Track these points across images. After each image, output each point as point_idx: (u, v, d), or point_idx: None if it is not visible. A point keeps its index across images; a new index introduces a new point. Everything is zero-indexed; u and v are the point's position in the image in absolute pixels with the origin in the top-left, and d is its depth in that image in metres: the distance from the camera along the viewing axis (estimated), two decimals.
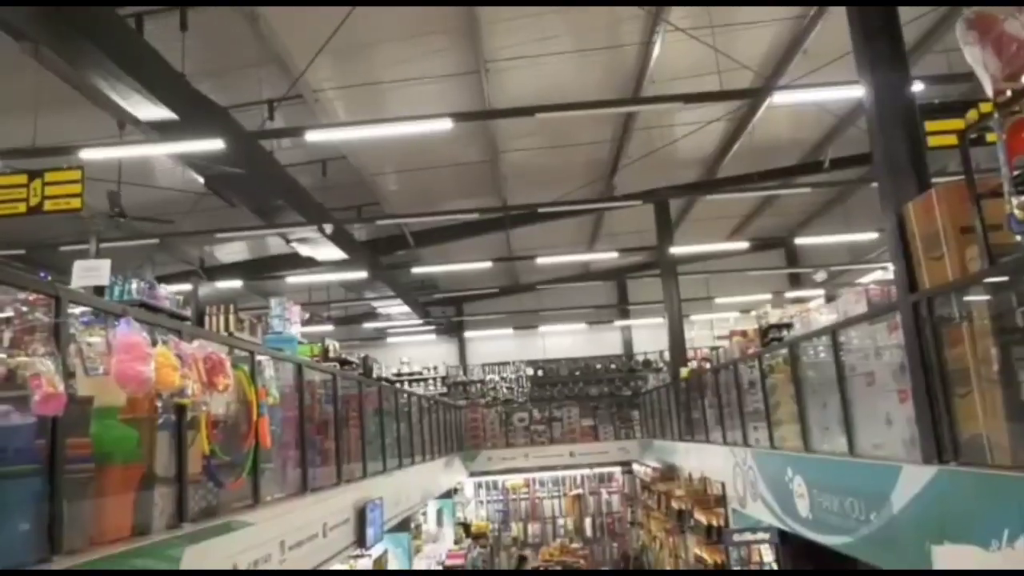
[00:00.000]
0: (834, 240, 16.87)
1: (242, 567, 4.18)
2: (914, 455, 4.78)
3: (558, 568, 15.65)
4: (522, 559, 18.04)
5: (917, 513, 4.65)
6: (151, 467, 3.49)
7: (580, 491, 21.07)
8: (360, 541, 6.85)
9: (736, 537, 9.79)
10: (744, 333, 11.21)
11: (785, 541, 10.27)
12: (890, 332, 5.20)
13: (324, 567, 5.92)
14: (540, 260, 16.15)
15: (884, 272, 16.29)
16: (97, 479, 3.07)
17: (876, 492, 5.13)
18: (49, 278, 2.67)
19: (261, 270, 16.12)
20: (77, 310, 3.13)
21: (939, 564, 4.45)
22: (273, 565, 4.68)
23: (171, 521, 3.63)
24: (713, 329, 21.21)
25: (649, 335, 22.44)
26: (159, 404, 3.58)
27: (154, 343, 3.32)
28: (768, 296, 18.68)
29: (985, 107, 4.29)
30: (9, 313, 2.78)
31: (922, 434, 4.60)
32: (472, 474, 18.68)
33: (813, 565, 13.50)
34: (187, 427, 3.78)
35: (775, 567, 9.80)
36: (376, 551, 10.22)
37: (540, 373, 23.06)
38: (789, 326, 9.21)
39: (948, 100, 7.24)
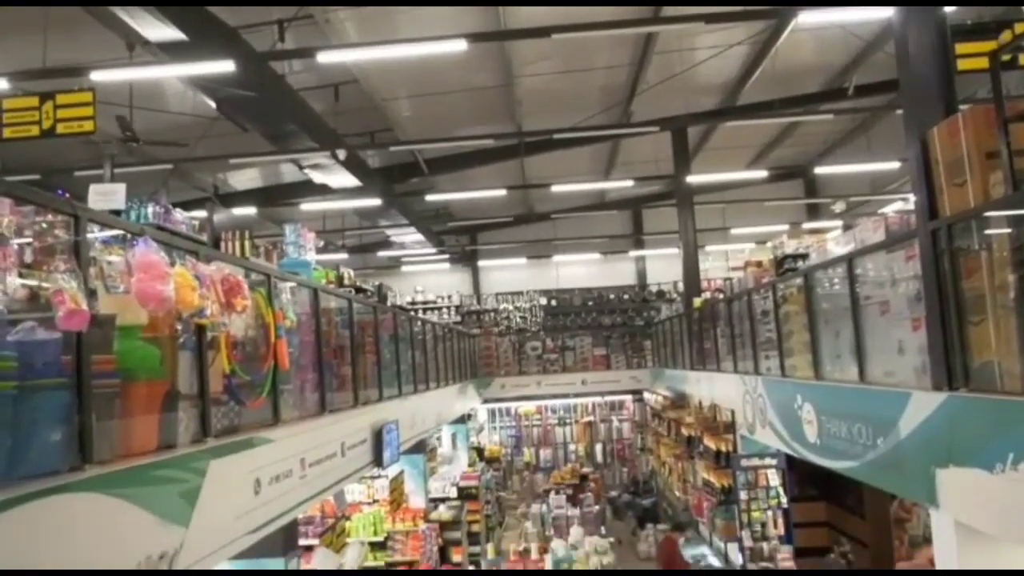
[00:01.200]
0: (855, 170, 16.56)
1: (264, 481, 4.35)
2: (924, 382, 4.82)
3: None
4: None
5: (924, 438, 4.72)
6: (174, 384, 3.59)
7: (591, 418, 21.51)
8: (377, 461, 7.06)
9: (744, 462, 10.02)
10: (759, 263, 11.17)
11: (791, 467, 10.51)
12: (907, 261, 5.16)
13: (343, 484, 6.14)
14: (555, 188, 16.00)
15: (904, 204, 16.04)
16: (123, 394, 3.16)
17: (884, 418, 5.20)
18: (67, 195, 2.67)
19: (275, 197, 16.12)
20: (96, 233, 3.16)
21: (943, 487, 4.54)
22: (294, 481, 4.85)
23: (195, 436, 3.76)
24: (728, 260, 21.14)
25: (663, 266, 22.40)
26: (179, 324, 3.66)
27: (172, 264, 3.37)
28: (785, 227, 18.47)
29: (1021, 27, 4.13)
30: (29, 235, 2.81)
31: (933, 361, 4.62)
32: (485, 401, 19.07)
33: (817, 491, 13.86)
34: (207, 347, 3.87)
35: (781, 491, 10.06)
36: (392, 471, 10.57)
37: (553, 303, 23.19)
38: (805, 256, 9.16)
39: (981, 21, 6.95)
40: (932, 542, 5.27)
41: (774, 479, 10.01)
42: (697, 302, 13.55)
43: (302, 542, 6.46)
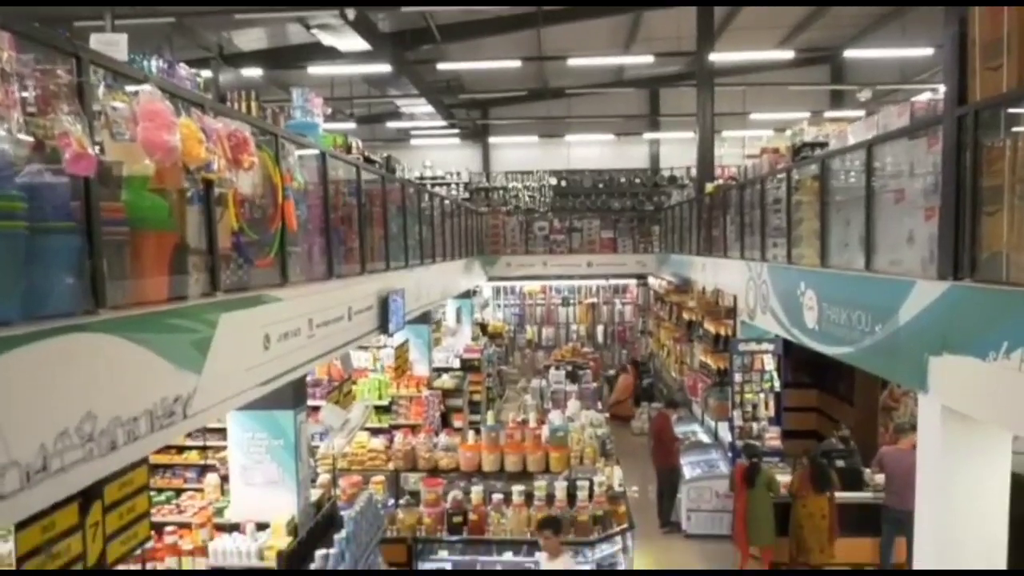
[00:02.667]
0: (885, 55, 15.82)
1: (273, 338, 4.47)
2: (930, 272, 4.83)
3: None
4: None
5: (922, 326, 4.78)
6: (183, 237, 3.61)
7: (595, 300, 21.82)
8: (383, 328, 7.23)
9: (742, 347, 10.24)
10: (776, 150, 10.92)
11: (787, 354, 10.75)
12: (929, 148, 5.04)
13: (349, 347, 6.31)
14: (571, 62, 15.38)
15: (933, 95, 15.46)
16: (132, 244, 3.19)
17: (885, 306, 5.26)
18: (67, 34, 2.56)
19: (281, 60, 15.58)
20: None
21: (934, 373, 4.66)
22: (302, 340, 4.99)
23: (205, 291, 3.83)
24: (744, 147, 20.67)
25: (677, 150, 21.95)
26: (186, 178, 3.64)
27: (178, 115, 3.30)
28: (806, 115, 17.92)
29: None
30: (31, 83, 2.74)
31: (942, 251, 4.61)
32: (491, 279, 19.27)
33: (810, 378, 14.23)
34: (215, 203, 3.86)
35: (775, 376, 10.34)
36: (398, 339, 10.87)
37: (563, 183, 22.93)
38: (824, 145, 8.93)
39: None
40: (916, 429, 5.47)
41: (769, 364, 10.27)
42: (709, 187, 13.38)
43: (309, 403, 6.73)
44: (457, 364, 12.77)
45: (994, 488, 5.00)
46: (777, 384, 10.30)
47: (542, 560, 6.32)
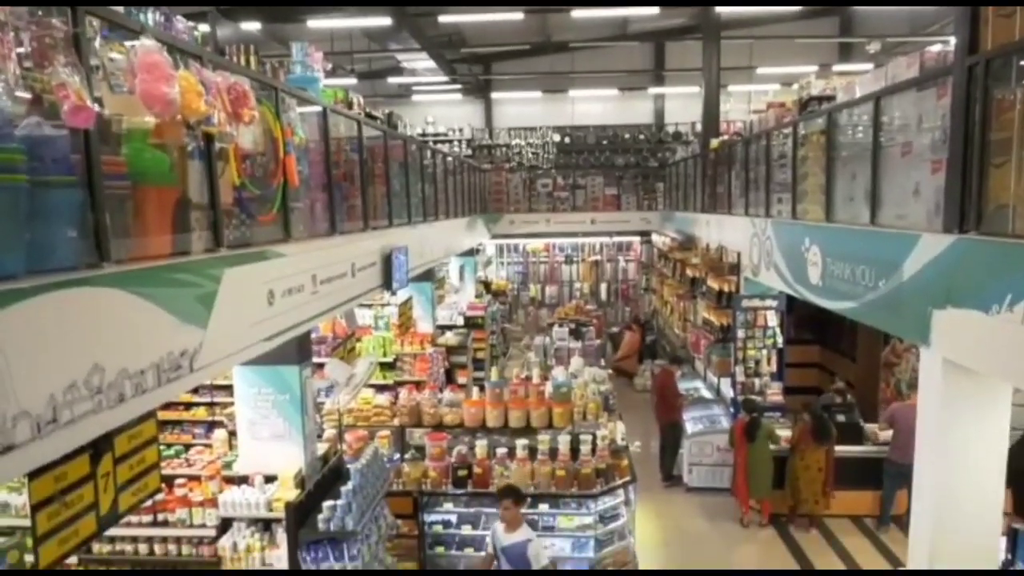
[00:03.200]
0: (895, 8, 15.48)
1: (277, 293, 4.48)
2: (935, 225, 4.81)
3: None
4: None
5: (926, 280, 4.78)
6: (184, 192, 3.60)
7: (598, 258, 21.80)
8: (386, 284, 7.24)
9: (745, 303, 10.26)
10: (782, 105, 10.76)
11: (790, 310, 10.77)
12: (937, 99, 4.96)
13: (353, 304, 6.33)
14: (575, 13, 15.10)
15: (943, 47, 15.14)
16: (134, 198, 3.18)
17: (889, 260, 5.24)
18: None
19: (280, 13, 15.30)
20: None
21: (937, 327, 4.67)
22: (305, 296, 5.00)
23: (208, 246, 3.83)
24: (750, 103, 20.35)
25: (682, 106, 21.65)
26: (186, 132, 3.61)
27: (176, 68, 3.26)
28: (814, 68, 17.60)
29: None
30: (25, 36, 2.69)
31: (948, 204, 4.58)
32: (494, 236, 19.22)
33: (812, 334, 14.26)
34: (216, 158, 3.84)
35: (778, 332, 10.37)
36: (401, 296, 10.90)
37: (567, 140, 22.70)
38: (831, 99, 8.80)
39: None
40: (917, 387, 5.50)
41: (772, 320, 10.29)
42: (714, 143, 13.24)
43: (314, 360, 6.78)
44: (461, 322, 12.82)
45: (993, 440, 5.05)
46: (780, 340, 10.34)
47: (499, 531, 5.94)
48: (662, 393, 10.85)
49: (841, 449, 9.12)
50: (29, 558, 3.97)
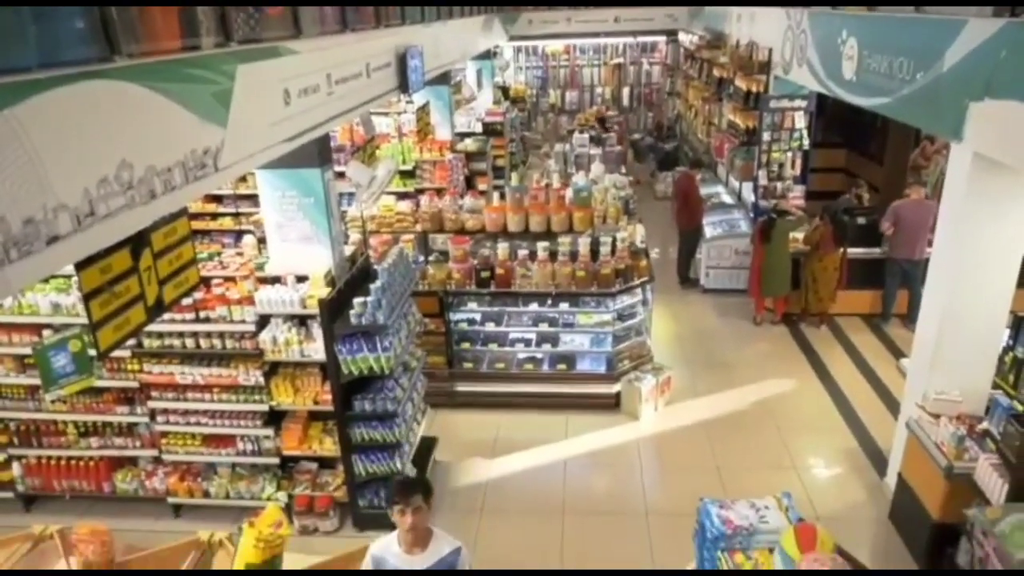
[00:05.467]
0: None
1: (293, 93, 4.40)
2: (984, 11, 4.49)
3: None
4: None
5: (966, 70, 4.55)
6: None
7: (621, 60, 20.81)
8: (403, 87, 7.04)
9: (773, 103, 9.91)
10: None
11: (819, 112, 10.42)
12: None
13: (370, 105, 6.21)
14: None
15: None
16: None
17: (930, 50, 4.96)
18: None
19: None
20: None
21: (971, 119, 4.51)
22: (321, 96, 4.90)
23: (218, 41, 3.71)
24: None
25: None
26: None
27: None
28: None
29: None
30: None
31: None
32: (512, 38, 18.25)
33: (841, 137, 13.89)
34: None
35: (805, 134, 10.11)
36: (418, 101, 10.64)
37: None
38: None
39: None
40: (927, 185, 5.44)
41: (800, 122, 9.99)
42: None
43: (335, 169, 6.78)
44: (479, 128, 12.59)
45: (1010, 237, 5.10)
46: (806, 142, 10.11)
47: (396, 555, 3.68)
48: (685, 197, 10.83)
49: (855, 251, 9.25)
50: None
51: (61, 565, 4.17)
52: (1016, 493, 4.40)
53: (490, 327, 7.90)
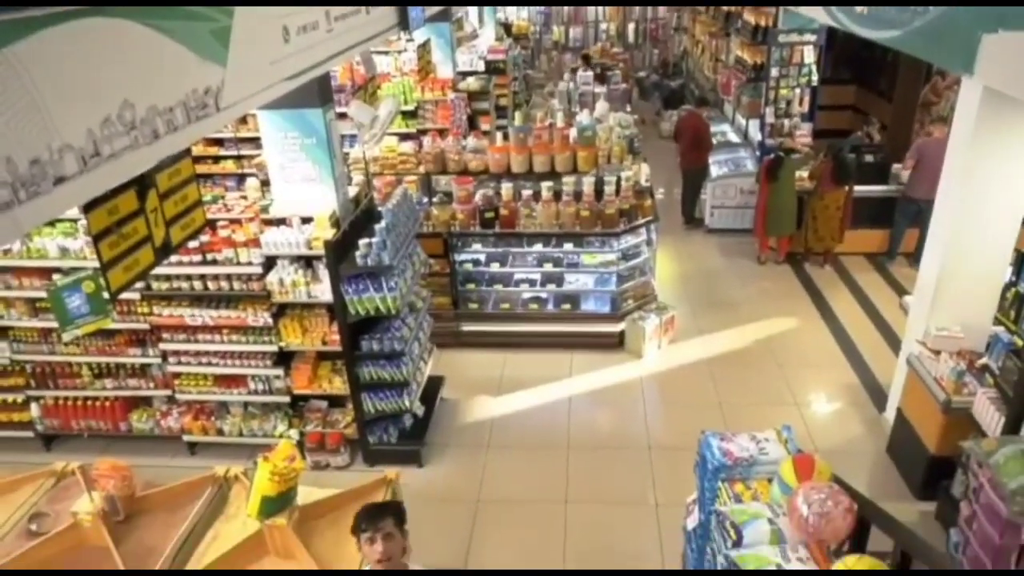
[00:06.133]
0: None
1: (292, 30, 4.32)
2: None
3: None
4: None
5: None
6: None
7: None
8: (403, 24, 6.89)
9: (782, 38, 9.71)
10: None
11: (829, 47, 10.20)
12: None
13: (370, 43, 6.10)
14: None
15: None
16: None
17: None
18: None
19: None
20: None
21: (984, 52, 4.42)
22: (320, 34, 4.82)
23: None
24: None
25: None
26: None
27: None
28: None
29: None
30: None
31: None
32: None
33: (850, 73, 13.61)
34: None
35: (814, 69, 9.92)
36: (418, 38, 10.44)
37: None
38: None
39: None
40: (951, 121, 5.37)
41: (809, 57, 9.80)
42: None
43: (336, 109, 6.71)
44: (481, 67, 12.37)
45: (1017, 174, 5.06)
46: (815, 78, 9.93)
47: None
48: (697, 136, 10.55)
49: (862, 189, 9.18)
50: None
51: (84, 499, 4.32)
52: (1012, 426, 4.49)
53: (495, 268, 7.94)
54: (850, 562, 2.92)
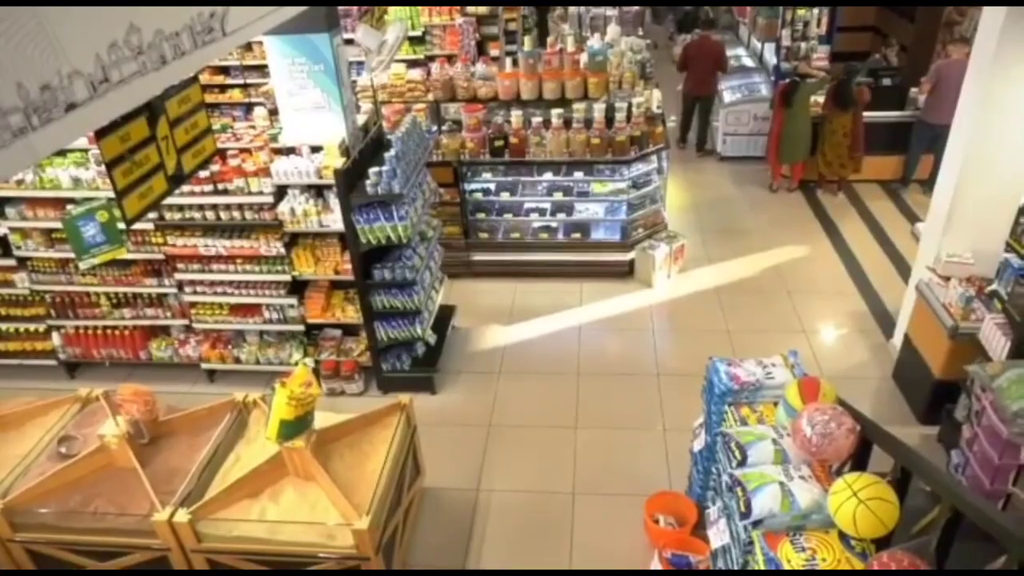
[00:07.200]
0: None
1: None
2: None
3: None
4: None
5: None
6: None
7: None
8: None
9: None
10: None
11: None
12: None
13: None
14: None
15: None
16: None
17: None
18: None
19: None
20: None
21: None
22: None
23: None
24: None
25: None
26: None
27: None
28: None
29: None
30: None
31: None
32: None
33: None
34: None
35: None
36: None
37: None
38: None
39: None
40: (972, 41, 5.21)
41: None
42: None
43: (343, 36, 6.56)
44: None
45: None
46: None
47: None
48: (716, 61, 10.08)
49: (877, 114, 8.98)
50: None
51: (109, 423, 4.48)
52: (1018, 350, 4.54)
53: (505, 197, 7.91)
54: (849, 480, 3.02)
